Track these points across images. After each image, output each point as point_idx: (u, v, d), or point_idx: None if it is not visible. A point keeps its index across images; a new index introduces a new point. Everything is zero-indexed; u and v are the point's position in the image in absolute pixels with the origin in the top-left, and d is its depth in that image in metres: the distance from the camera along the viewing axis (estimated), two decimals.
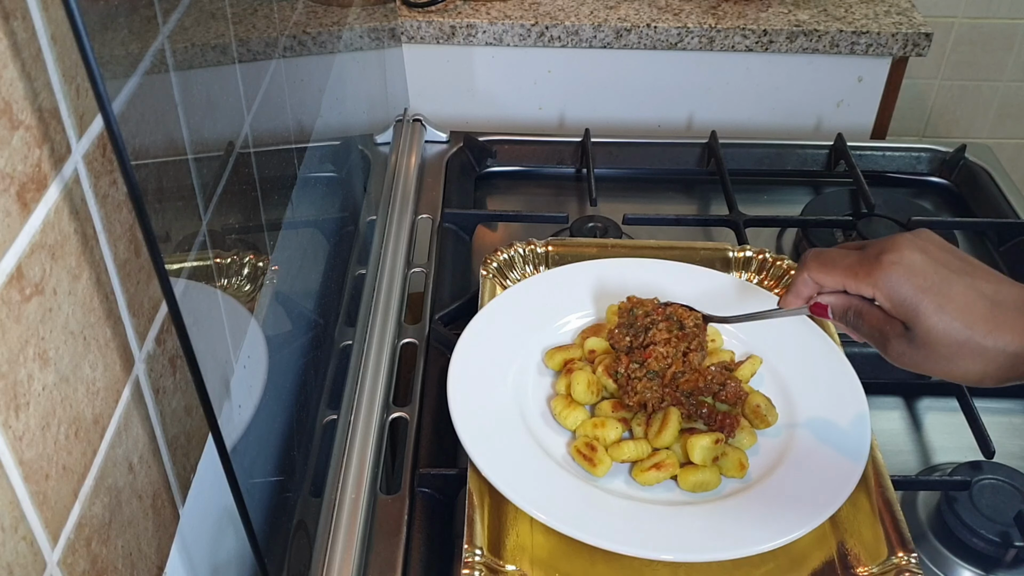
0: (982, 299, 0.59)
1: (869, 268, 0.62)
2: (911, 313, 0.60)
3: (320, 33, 0.91)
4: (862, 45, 1.40)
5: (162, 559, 0.55)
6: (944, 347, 0.59)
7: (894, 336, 0.62)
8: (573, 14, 1.42)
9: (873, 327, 0.64)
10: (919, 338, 0.60)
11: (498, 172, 1.23)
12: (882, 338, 0.63)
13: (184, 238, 0.57)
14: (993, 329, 0.58)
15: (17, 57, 0.38)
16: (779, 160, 1.22)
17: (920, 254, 0.61)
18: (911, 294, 0.60)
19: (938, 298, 0.59)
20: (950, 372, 0.61)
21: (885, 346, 0.63)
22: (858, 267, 0.63)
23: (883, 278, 0.61)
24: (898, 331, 0.62)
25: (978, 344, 0.58)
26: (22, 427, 0.39)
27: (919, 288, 0.60)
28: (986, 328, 0.58)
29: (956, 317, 0.59)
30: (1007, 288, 0.60)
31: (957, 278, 0.60)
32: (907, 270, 0.61)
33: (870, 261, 0.63)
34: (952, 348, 0.59)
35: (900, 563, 0.68)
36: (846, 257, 0.65)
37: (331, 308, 0.93)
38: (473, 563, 0.67)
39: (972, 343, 0.58)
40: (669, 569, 0.69)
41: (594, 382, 0.79)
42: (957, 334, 0.59)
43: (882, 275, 0.61)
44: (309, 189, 0.86)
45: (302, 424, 0.81)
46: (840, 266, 0.64)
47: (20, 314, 0.39)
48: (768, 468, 0.75)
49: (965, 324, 0.59)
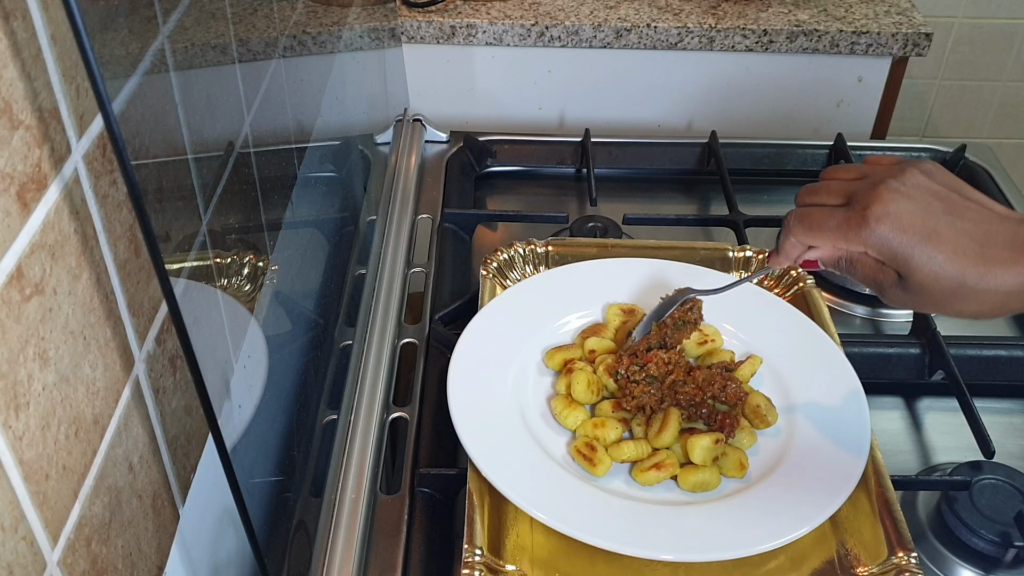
0: (971, 242, 0.59)
1: (857, 226, 0.62)
2: (902, 264, 0.61)
3: (320, 33, 0.91)
4: (862, 45, 1.40)
5: (162, 559, 0.55)
6: (938, 292, 0.60)
7: (888, 284, 0.63)
8: (573, 14, 1.42)
9: (867, 275, 0.64)
10: (913, 286, 0.61)
11: (498, 172, 1.23)
12: (877, 286, 0.64)
13: (184, 238, 0.57)
14: (984, 272, 0.59)
15: (17, 57, 0.38)
16: (779, 160, 1.22)
17: (906, 201, 0.61)
18: (900, 247, 0.60)
19: (927, 248, 0.59)
20: (946, 312, 0.62)
21: (882, 292, 0.64)
22: (845, 227, 0.62)
23: (871, 234, 0.61)
24: (891, 279, 0.62)
25: (971, 288, 0.59)
26: (22, 427, 0.39)
27: (907, 241, 0.60)
28: (977, 272, 0.59)
29: (946, 264, 0.59)
30: (996, 225, 0.60)
31: (945, 222, 0.60)
32: (894, 223, 0.60)
33: (856, 219, 0.62)
34: (946, 293, 0.60)
35: (900, 563, 0.68)
36: (831, 217, 0.64)
37: (331, 308, 0.93)
38: (473, 563, 0.67)
39: (965, 287, 0.59)
40: (669, 569, 0.69)
41: (594, 382, 0.79)
42: (949, 281, 0.59)
43: (869, 232, 0.61)
44: (309, 189, 0.86)
45: (302, 424, 0.81)
46: (827, 228, 0.64)
47: (20, 314, 0.39)
48: (768, 468, 0.75)
49: (956, 271, 0.59)
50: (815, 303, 0.90)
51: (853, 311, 1.02)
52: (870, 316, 1.02)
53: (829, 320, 0.88)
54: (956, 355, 0.88)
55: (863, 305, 1.02)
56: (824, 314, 0.89)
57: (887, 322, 1.01)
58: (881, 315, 1.01)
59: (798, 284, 0.93)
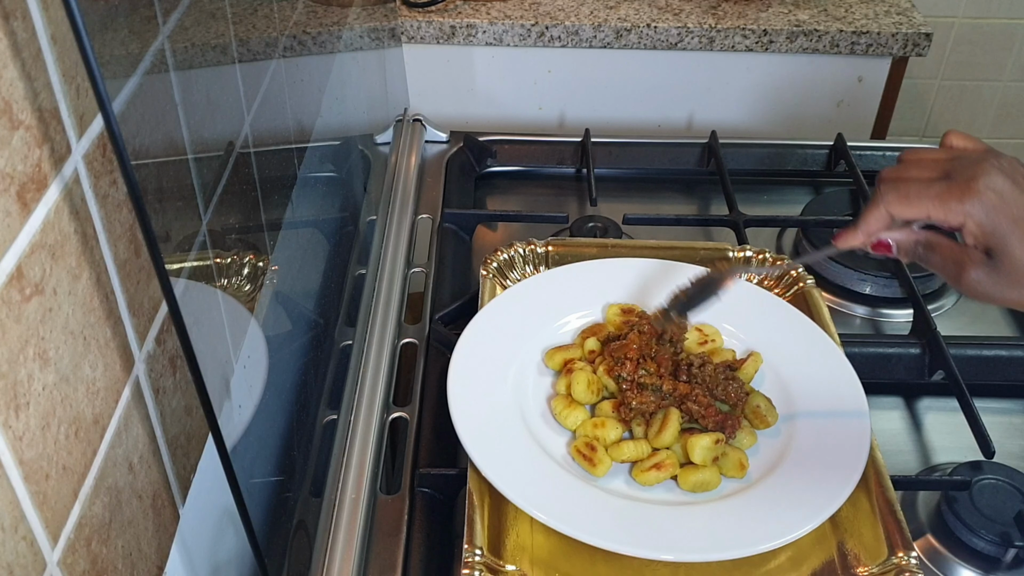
0: None
1: (961, 195, 0.60)
2: (999, 242, 0.60)
3: (320, 33, 0.91)
4: (862, 45, 1.40)
5: (162, 559, 0.55)
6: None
7: (973, 265, 0.62)
8: (573, 14, 1.42)
9: (947, 258, 0.63)
10: (1003, 267, 0.60)
11: (498, 172, 1.23)
12: (957, 268, 0.63)
13: (184, 238, 0.57)
14: None
15: (17, 57, 0.38)
16: (779, 160, 1.22)
17: (1010, 182, 0.60)
18: (1004, 223, 0.60)
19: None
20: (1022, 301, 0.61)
21: (960, 275, 0.62)
22: (948, 195, 0.61)
23: (976, 205, 0.60)
24: (978, 259, 0.61)
25: None
26: (22, 427, 0.39)
27: (1011, 217, 0.59)
28: None
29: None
30: None
31: None
32: (1000, 198, 0.60)
33: (960, 188, 0.61)
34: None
35: (900, 563, 0.68)
36: (931, 186, 0.62)
37: (331, 308, 0.93)
38: (473, 563, 0.66)
39: None
40: (669, 569, 0.69)
41: (594, 382, 0.79)
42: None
43: (976, 202, 0.60)
44: (309, 189, 0.86)
45: (302, 424, 0.82)
46: (927, 195, 0.62)
47: (20, 314, 0.39)
48: (768, 468, 0.75)
49: None
50: (815, 303, 0.90)
51: (853, 311, 1.02)
52: (870, 316, 1.02)
53: (829, 320, 0.88)
54: (956, 355, 0.88)
55: (863, 305, 1.02)
56: (824, 314, 0.89)
57: (887, 322, 1.01)
58: (881, 315, 1.01)
59: (798, 284, 0.93)
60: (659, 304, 0.80)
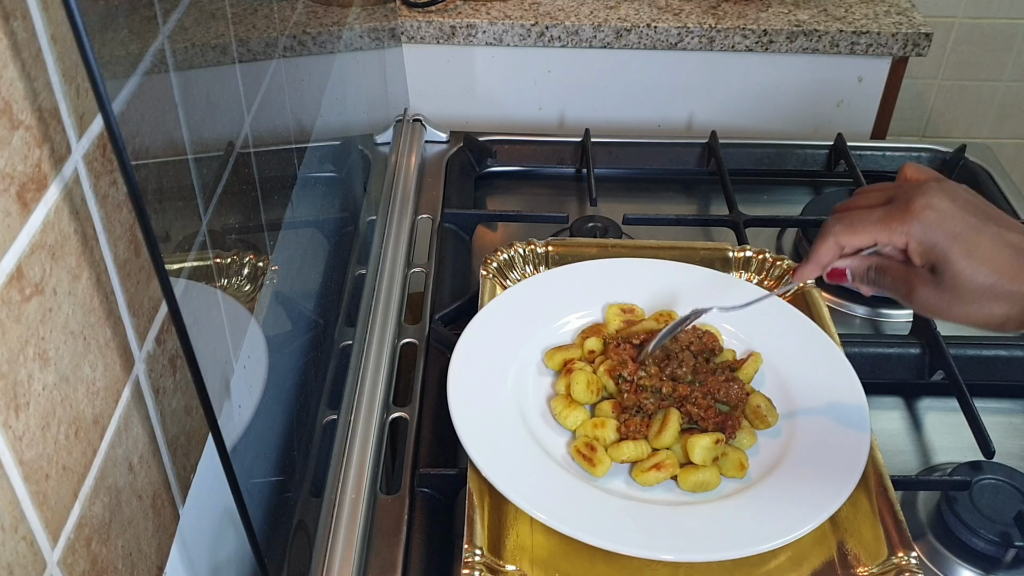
0: (1008, 247, 0.61)
1: (901, 216, 0.63)
2: (940, 258, 0.62)
3: (320, 33, 0.91)
4: (862, 45, 1.40)
5: (162, 559, 0.55)
6: (970, 291, 0.61)
7: (920, 283, 0.63)
8: (573, 14, 1.42)
9: (897, 279, 0.65)
10: (946, 283, 0.62)
11: (498, 172, 1.23)
12: (907, 288, 0.64)
13: (184, 238, 0.57)
14: (1018, 275, 0.60)
15: (17, 57, 0.38)
16: (779, 160, 1.22)
17: (949, 201, 0.62)
18: (942, 239, 0.61)
19: (967, 244, 0.61)
20: (974, 316, 0.62)
21: (911, 294, 0.64)
22: (889, 218, 0.63)
23: (916, 224, 0.62)
24: (924, 278, 0.63)
25: (1003, 289, 0.60)
26: (22, 427, 0.39)
27: (950, 234, 0.61)
28: (1011, 274, 0.60)
29: (983, 263, 0.61)
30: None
31: (984, 226, 0.62)
32: (939, 215, 0.62)
33: (901, 210, 0.63)
34: (978, 292, 0.61)
35: (900, 563, 0.68)
36: (873, 212, 0.65)
37: (331, 308, 0.93)
38: (473, 563, 0.67)
39: (998, 287, 0.60)
40: (669, 569, 0.69)
41: (594, 382, 0.79)
42: (984, 279, 0.61)
43: (915, 221, 0.62)
44: (309, 189, 0.86)
45: (302, 424, 0.82)
46: (869, 222, 0.64)
47: (20, 314, 0.39)
48: (768, 468, 0.75)
49: (992, 269, 0.61)
50: (815, 303, 0.90)
51: (853, 311, 1.02)
52: (870, 316, 1.02)
53: (829, 320, 0.88)
54: (956, 355, 0.88)
55: (863, 305, 1.02)
56: (824, 314, 0.89)
57: (887, 322, 1.01)
58: (881, 315, 1.01)
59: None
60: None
